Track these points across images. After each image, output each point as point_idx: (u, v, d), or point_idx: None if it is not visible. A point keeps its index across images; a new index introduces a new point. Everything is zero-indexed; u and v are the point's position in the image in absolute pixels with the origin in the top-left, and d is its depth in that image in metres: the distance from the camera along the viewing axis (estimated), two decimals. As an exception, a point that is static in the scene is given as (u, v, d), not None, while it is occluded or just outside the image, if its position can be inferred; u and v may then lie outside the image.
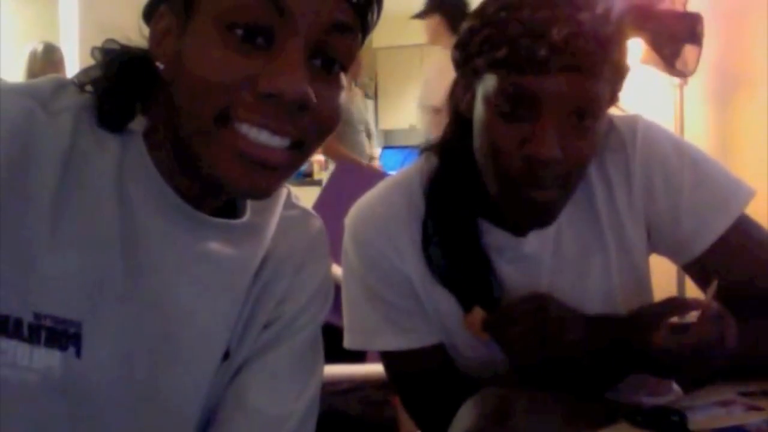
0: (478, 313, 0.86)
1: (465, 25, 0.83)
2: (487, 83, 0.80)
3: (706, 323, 0.74)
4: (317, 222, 0.76)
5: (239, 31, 0.54)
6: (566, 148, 0.77)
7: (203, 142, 0.57)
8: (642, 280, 0.94)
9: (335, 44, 0.58)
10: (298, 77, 0.54)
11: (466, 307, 0.88)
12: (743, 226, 0.89)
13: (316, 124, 0.59)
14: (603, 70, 0.76)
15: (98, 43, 0.64)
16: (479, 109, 0.82)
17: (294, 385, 0.71)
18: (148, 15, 0.61)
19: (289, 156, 0.58)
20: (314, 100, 0.56)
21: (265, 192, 0.61)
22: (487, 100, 0.80)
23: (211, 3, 0.55)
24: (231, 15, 0.54)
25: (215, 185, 0.59)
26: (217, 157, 0.57)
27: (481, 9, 0.81)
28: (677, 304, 0.81)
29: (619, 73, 0.80)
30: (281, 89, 0.54)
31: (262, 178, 0.58)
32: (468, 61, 0.83)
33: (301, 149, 0.60)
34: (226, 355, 0.68)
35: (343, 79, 0.61)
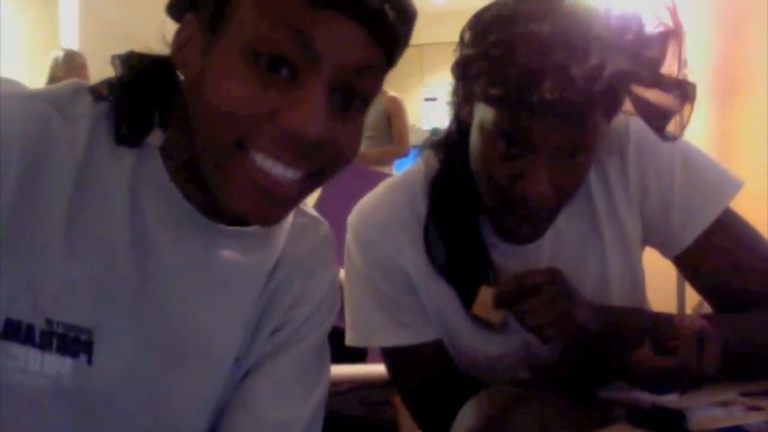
0: (487, 293, 0.85)
1: (466, 45, 0.82)
2: (484, 113, 0.81)
3: (685, 347, 0.74)
4: (325, 228, 0.77)
5: (264, 61, 0.53)
6: (557, 184, 0.79)
7: (217, 167, 0.56)
8: (636, 273, 0.95)
9: (359, 82, 0.57)
10: (319, 117, 0.54)
11: (468, 301, 0.89)
12: (727, 221, 0.90)
13: (331, 159, 0.58)
14: (596, 114, 0.77)
15: (98, 44, 0.64)
16: (476, 131, 0.84)
17: (300, 390, 0.71)
18: (173, 12, 0.60)
19: (300, 187, 0.58)
20: (332, 139, 0.55)
21: (273, 221, 0.61)
22: (483, 129, 0.81)
23: (239, 28, 0.54)
24: (259, 44, 0.53)
25: (225, 208, 0.59)
26: (229, 184, 0.56)
27: (479, 35, 0.80)
28: (661, 325, 0.81)
29: (614, 108, 0.80)
30: (301, 129, 0.53)
31: (272, 209, 0.58)
32: (465, 81, 0.83)
33: (313, 181, 0.59)
34: (235, 360, 0.68)
35: (364, 114, 0.60)
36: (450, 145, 0.93)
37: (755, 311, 0.87)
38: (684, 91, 0.77)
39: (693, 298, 2.25)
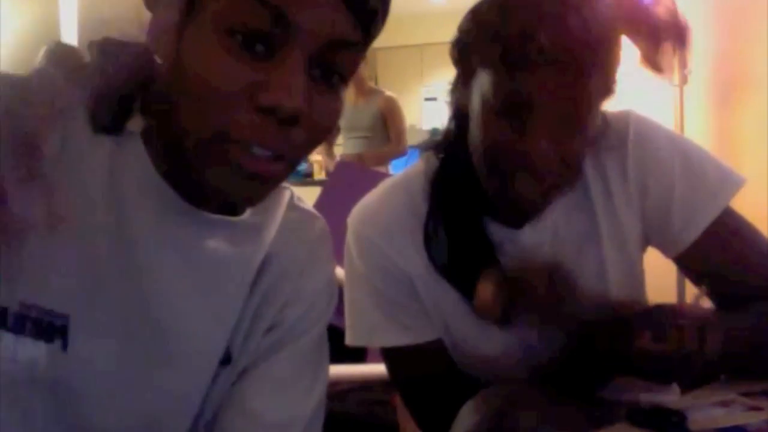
0: (488, 288, 0.84)
1: (461, 26, 0.84)
2: (483, 80, 0.81)
3: (687, 334, 0.74)
4: (320, 224, 0.76)
5: (239, 37, 0.53)
6: (558, 144, 0.78)
7: (198, 150, 0.56)
8: (635, 273, 0.95)
9: (337, 58, 0.56)
10: (297, 90, 0.53)
11: (470, 299, 0.89)
12: (727, 220, 0.90)
13: (310, 135, 0.58)
14: (594, 68, 0.77)
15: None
16: (475, 104, 0.84)
17: (297, 390, 0.70)
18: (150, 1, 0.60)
19: (280, 167, 0.58)
20: (310, 113, 0.55)
21: (256, 201, 0.60)
22: (482, 96, 0.81)
23: (214, 5, 0.54)
24: (232, 20, 0.53)
25: (206, 191, 0.59)
26: (210, 166, 0.56)
27: (476, 10, 0.82)
28: (660, 314, 0.81)
29: (611, 66, 0.80)
30: (279, 103, 0.53)
31: (254, 189, 0.58)
32: (464, 59, 0.84)
33: (294, 157, 0.59)
34: (229, 359, 0.67)
35: (343, 90, 0.60)
36: (449, 143, 0.93)
37: (754, 306, 0.87)
38: (680, 33, 0.78)
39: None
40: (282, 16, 0.53)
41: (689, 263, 0.92)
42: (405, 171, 0.99)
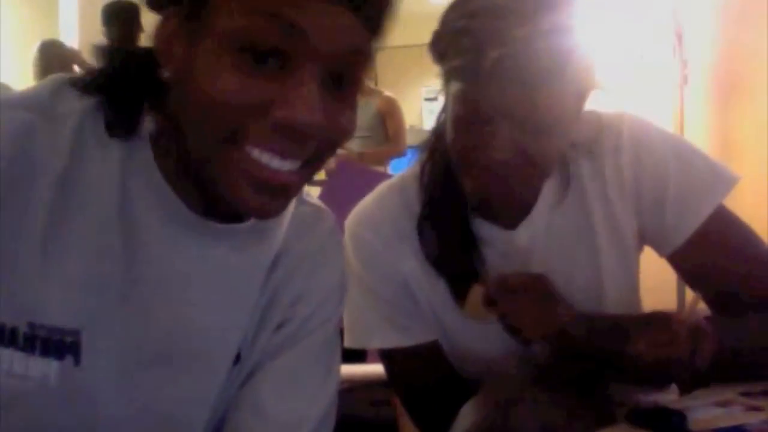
0: (477, 291, 0.85)
1: (436, 27, 0.84)
2: (451, 87, 0.83)
3: (678, 341, 0.74)
4: (330, 218, 0.75)
5: (252, 52, 0.52)
6: (523, 149, 0.79)
7: (211, 161, 0.56)
8: (630, 274, 0.95)
9: (349, 66, 0.56)
10: (314, 106, 0.53)
11: (459, 298, 0.90)
12: (720, 219, 0.90)
13: (326, 143, 0.58)
14: (553, 82, 0.76)
15: (98, 39, 0.63)
16: (448, 107, 0.85)
17: (308, 387, 0.69)
18: (154, 4, 0.59)
19: (298, 176, 0.58)
20: (328, 125, 0.55)
21: (275, 213, 0.60)
22: (452, 101, 0.83)
23: (224, 20, 0.53)
24: (244, 36, 0.52)
25: (223, 202, 0.58)
26: (226, 178, 0.55)
27: (447, 12, 0.82)
28: (656, 318, 0.81)
29: (582, 78, 0.80)
30: (296, 119, 0.53)
31: (273, 201, 0.57)
32: (440, 61, 0.85)
33: (310, 167, 0.59)
34: (237, 358, 0.66)
35: (355, 96, 0.59)
36: (435, 142, 0.94)
37: (753, 315, 0.87)
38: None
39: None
40: (293, 27, 0.52)
41: (682, 262, 0.92)
42: (401, 173, 1.00)
